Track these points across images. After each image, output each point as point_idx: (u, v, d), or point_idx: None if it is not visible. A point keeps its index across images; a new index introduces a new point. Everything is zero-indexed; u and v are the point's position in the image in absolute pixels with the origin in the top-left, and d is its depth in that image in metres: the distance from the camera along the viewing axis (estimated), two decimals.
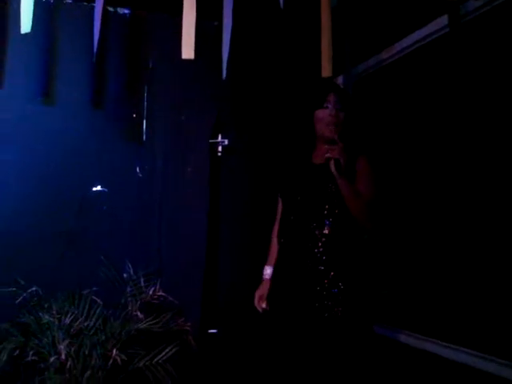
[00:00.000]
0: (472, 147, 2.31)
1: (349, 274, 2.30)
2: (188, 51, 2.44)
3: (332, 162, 2.21)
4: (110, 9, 3.18)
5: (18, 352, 2.44)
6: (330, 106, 2.41)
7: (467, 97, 2.36)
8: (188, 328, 2.76)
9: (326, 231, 2.32)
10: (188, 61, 2.47)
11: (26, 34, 2.54)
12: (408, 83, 2.80)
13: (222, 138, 3.40)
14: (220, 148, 3.40)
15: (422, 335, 2.55)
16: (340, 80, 3.35)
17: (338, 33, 2.87)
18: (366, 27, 3.18)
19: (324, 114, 2.41)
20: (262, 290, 2.61)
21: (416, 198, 2.67)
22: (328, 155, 2.22)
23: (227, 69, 2.55)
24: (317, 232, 2.32)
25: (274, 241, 2.63)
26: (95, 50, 2.57)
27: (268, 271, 2.62)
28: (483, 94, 2.28)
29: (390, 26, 2.94)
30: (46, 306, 2.59)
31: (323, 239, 2.31)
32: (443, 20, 2.48)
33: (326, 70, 2.58)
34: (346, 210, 2.29)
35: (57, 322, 2.53)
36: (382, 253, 2.89)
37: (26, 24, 2.52)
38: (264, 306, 2.55)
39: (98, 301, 2.67)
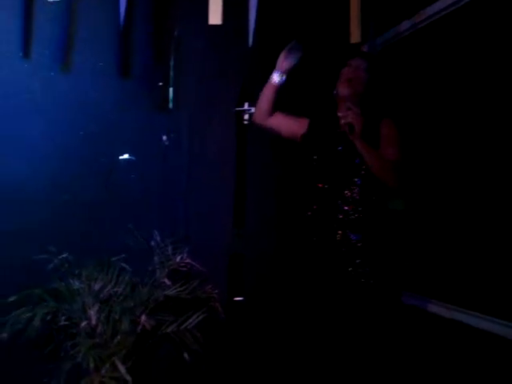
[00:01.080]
0: (498, 115, 2.26)
1: (378, 243, 2.31)
2: (215, 16, 2.42)
3: (346, 127, 2.24)
4: None
5: (50, 317, 2.49)
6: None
7: (493, 66, 2.30)
8: (215, 295, 2.78)
9: (356, 197, 2.32)
10: (214, 28, 2.45)
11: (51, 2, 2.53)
12: (433, 52, 2.73)
13: (248, 106, 3.38)
14: (246, 116, 3.38)
15: (452, 304, 2.53)
16: (365, 49, 3.30)
17: (365, 1, 2.80)
18: None
19: (343, 71, 2.45)
20: None
21: (446, 166, 2.63)
22: (343, 121, 2.26)
23: (254, 36, 2.52)
24: (346, 199, 2.33)
25: None
26: (122, 18, 2.56)
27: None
28: (508, 63, 2.21)
29: None
30: (76, 272, 2.63)
31: (352, 206, 2.31)
32: None
33: (355, 36, 2.55)
34: (374, 177, 2.29)
35: (87, 289, 2.56)
36: (414, 221, 2.87)
37: None
38: None
39: (127, 268, 2.70)
